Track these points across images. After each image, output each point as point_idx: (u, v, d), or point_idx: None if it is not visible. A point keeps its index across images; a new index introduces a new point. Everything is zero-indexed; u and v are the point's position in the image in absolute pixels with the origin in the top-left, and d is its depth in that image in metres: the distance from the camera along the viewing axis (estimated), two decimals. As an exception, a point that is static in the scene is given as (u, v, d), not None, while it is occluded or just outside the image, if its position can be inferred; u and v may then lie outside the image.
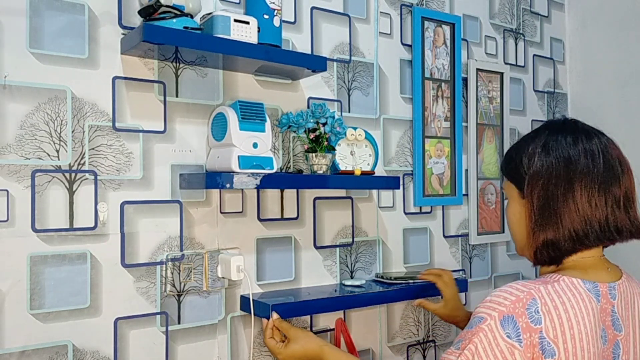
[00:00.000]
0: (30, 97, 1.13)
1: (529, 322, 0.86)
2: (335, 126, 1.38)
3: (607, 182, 0.93)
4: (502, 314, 0.87)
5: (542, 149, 0.97)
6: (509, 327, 0.86)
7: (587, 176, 0.93)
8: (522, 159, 0.99)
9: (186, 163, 1.31)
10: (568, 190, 0.93)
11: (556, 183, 0.94)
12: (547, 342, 0.86)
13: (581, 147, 0.95)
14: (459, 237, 1.86)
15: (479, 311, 0.91)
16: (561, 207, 0.93)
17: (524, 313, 0.87)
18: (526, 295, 0.88)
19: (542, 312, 0.87)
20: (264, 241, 1.43)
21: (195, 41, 1.17)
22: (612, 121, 2.12)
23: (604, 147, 0.97)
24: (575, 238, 0.93)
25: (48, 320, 1.14)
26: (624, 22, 2.09)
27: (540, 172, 0.95)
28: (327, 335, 1.54)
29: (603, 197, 0.93)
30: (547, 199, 0.94)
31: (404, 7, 1.73)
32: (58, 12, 1.17)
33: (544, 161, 0.95)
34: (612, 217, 0.93)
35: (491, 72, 1.96)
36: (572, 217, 0.92)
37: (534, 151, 0.98)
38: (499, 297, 0.90)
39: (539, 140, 0.99)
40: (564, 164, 0.94)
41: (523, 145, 1.01)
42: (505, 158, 1.07)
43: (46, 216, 1.14)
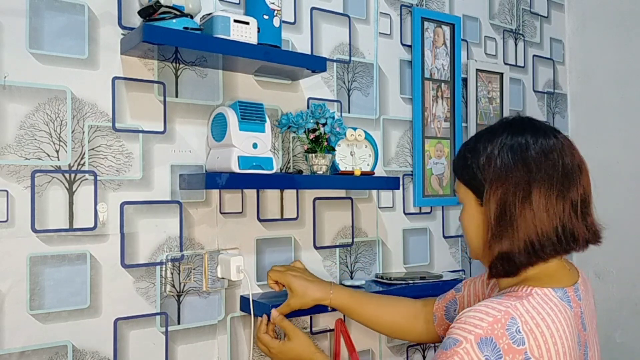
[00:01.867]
0: (30, 97, 1.13)
1: (511, 344, 0.81)
2: (335, 126, 1.38)
3: (565, 187, 0.88)
4: (479, 337, 0.81)
5: (501, 150, 0.90)
6: (487, 349, 0.81)
7: (546, 181, 0.87)
8: (478, 162, 0.92)
9: (186, 163, 1.31)
10: (526, 197, 0.87)
11: (515, 189, 0.87)
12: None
13: (540, 149, 0.89)
14: (458, 238, 1.86)
15: (454, 332, 0.84)
16: (518, 215, 0.87)
17: (504, 334, 0.81)
18: (504, 315, 0.83)
19: (524, 332, 0.82)
20: (264, 241, 1.43)
21: (195, 41, 1.17)
22: (612, 121, 2.12)
23: (562, 146, 0.90)
24: (530, 250, 0.88)
25: (48, 321, 1.14)
26: (623, 23, 2.09)
27: (499, 178, 0.89)
28: (327, 335, 1.54)
29: (561, 203, 0.87)
30: (504, 207, 0.88)
31: (403, 8, 1.73)
32: (58, 13, 1.17)
33: (504, 165, 0.89)
34: (569, 224, 0.88)
35: (491, 72, 1.96)
36: (528, 226, 0.87)
37: (492, 153, 0.91)
38: (474, 319, 0.84)
39: (497, 141, 0.92)
40: (524, 168, 0.88)
41: (479, 146, 0.94)
42: (460, 159, 0.98)
43: (46, 216, 1.14)
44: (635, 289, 2.03)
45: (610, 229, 0.98)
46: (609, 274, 2.09)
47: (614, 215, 2.10)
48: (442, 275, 1.61)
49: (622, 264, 2.06)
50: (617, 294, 2.06)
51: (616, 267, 2.08)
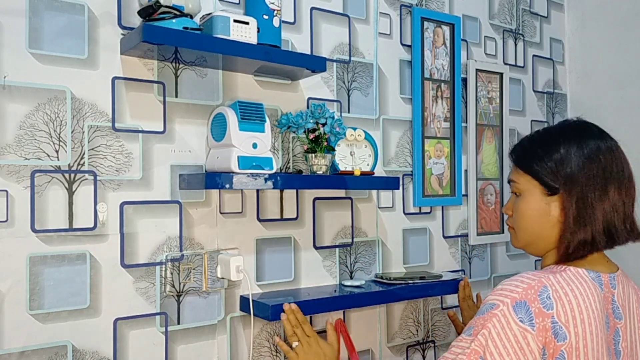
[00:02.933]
0: (30, 97, 1.13)
1: (542, 308, 0.89)
2: (335, 126, 1.38)
3: (628, 185, 1.00)
4: (515, 300, 0.90)
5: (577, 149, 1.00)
6: (521, 312, 0.89)
7: (618, 179, 0.99)
8: (552, 157, 1.01)
9: (186, 163, 1.31)
10: (603, 192, 0.98)
11: (594, 185, 0.98)
12: (559, 326, 0.89)
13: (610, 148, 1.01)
14: (458, 238, 1.86)
15: (491, 298, 0.93)
16: (598, 206, 0.97)
17: (536, 299, 0.90)
18: (537, 283, 0.92)
19: (553, 298, 0.90)
20: (264, 241, 1.43)
21: (195, 41, 1.17)
22: (612, 121, 2.11)
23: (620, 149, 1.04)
24: (608, 234, 0.98)
25: (47, 321, 1.14)
26: (623, 23, 2.09)
27: (577, 174, 0.98)
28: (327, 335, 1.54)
29: (629, 198, 1.00)
30: (585, 198, 0.97)
31: (403, 8, 1.73)
32: (57, 13, 1.17)
33: (581, 162, 0.99)
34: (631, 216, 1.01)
35: (491, 72, 1.96)
36: (607, 214, 0.97)
37: (567, 151, 1.00)
38: (511, 285, 0.93)
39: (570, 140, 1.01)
40: (600, 164, 0.99)
41: (551, 143, 1.03)
42: (526, 152, 1.06)
43: (46, 216, 1.14)
44: (635, 289, 2.03)
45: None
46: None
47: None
48: (441, 275, 1.61)
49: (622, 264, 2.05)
50: (616, 294, 2.06)
51: (616, 267, 2.07)
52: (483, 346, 0.90)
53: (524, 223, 1.06)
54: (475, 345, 0.91)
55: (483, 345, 0.90)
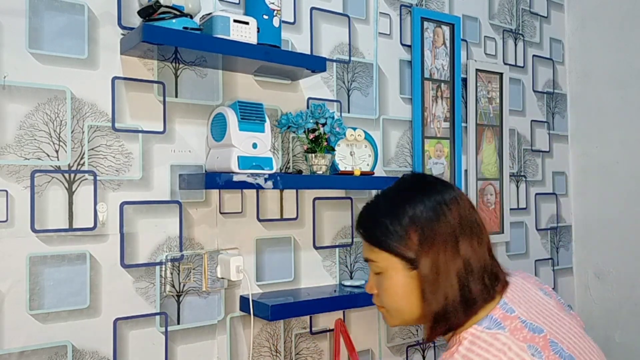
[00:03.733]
0: (30, 97, 1.13)
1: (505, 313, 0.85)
2: (335, 126, 1.38)
3: (480, 232, 0.91)
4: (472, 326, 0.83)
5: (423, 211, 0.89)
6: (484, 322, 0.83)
7: (468, 229, 0.89)
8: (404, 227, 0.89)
9: (186, 163, 1.31)
10: (455, 249, 0.87)
11: (445, 245, 0.87)
12: (530, 323, 0.84)
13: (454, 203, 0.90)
14: (458, 238, 1.85)
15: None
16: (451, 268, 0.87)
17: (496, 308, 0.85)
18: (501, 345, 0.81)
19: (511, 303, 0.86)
20: (264, 241, 1.43)
21: (195, 41, 1.17)
22: (612, 121, 2.12)
23: (464, 198, 0.93)
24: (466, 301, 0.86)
25: (47, 321, 1.14)
26: (623, 23, 2.09)
27: (430, 238, 0.88)
28: (327, 335, 1.54)
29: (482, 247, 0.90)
30: (438, 264, 0.87)
31: (403, 8, 1.73)
32: (57, 13, 1.17)
33: (431, 225, 0.88)
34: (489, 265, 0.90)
35: (491, 72, 1.96)
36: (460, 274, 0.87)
37: (415, 216, 0.89)
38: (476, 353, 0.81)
39: (413, 202, 0.90)
40: (448, 223, 0.88)
41: (395, 209, 0.91)
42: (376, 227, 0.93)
43: (45, 216, 1.14)
44: (634, 289, 2.03)
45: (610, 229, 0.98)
46: (608, 274, 2.09)
47: (614, 216, 2.10)
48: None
49: (622, 264, 2.06)
50: (616, 294, 2.06)
51: (616, 267, 2.08)
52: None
53: (394, 303, 0.93)
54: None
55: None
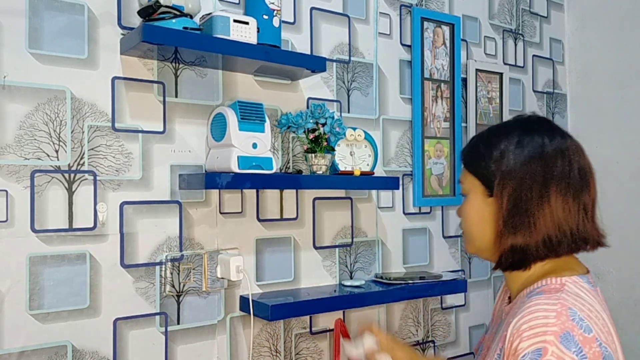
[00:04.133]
0: (30, 97, 1.13)
1: (583, 333, 0.78)
2: (335, 126, 1.38)
3: (579, 190, 0.88)
4: (558, 335, 0.77)
5: (517, 146, 0.89)
6: (571, 345, 0.76)
7: (563, 181, 0.87)
8: (492, 154, 0.91)
9: (185, 163, 1.31)
10: (543, 194, 0.86)
11: (531, 185, 0.87)
12: (605, 348, 0.79)
13: (557, 148, 0.89)
14: (458, 238, 1.86)
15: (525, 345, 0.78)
16: (535, 210, 0.86)
17: (574, 325, 0.78)
18: (561, 307, 0.80)
19: (586, 319, 0.79)
20: (264, 241, 1.43)
21: (195, 41, 1.17)
22: (612, 121, 2.12)
23: (576, 149, 0.91)
24: (548, 245, 0.87)
25: (47, 321, 1.14)
26: (623, 23, 2.09)
27: (514, 172, 0.88)
28: (326, 335, 1.54)
29: (576, 204, 0.88)
30: (519, 200, 0.87)
31: (403, 8, 1.73)
32: (57, 13, 1.17)
33: (519, 160, 0.88)
34: (582, 225, 0.88)
35: (490, 72, 1.96)
36: (546, 222, 0.86)
37: (507, 148, 0.90)
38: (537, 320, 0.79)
39: (512, 137, 0.91)
40: (541, 164, 0.87)
41: (493, 140, 0.93)
42: (470, 151, 0.97)
43: (45, 216, 1.14)
44: (635, 289, 2.03)
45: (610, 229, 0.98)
46: (608, 274, 2.09)
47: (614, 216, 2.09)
48: (441, 275, 1.61)
49: (622, 264, 2.06)
50: (616, 294, 2.06)
51: (616, 267, 2.08)
52: None
53: (469, 227, 0.97)
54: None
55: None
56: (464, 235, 0.99)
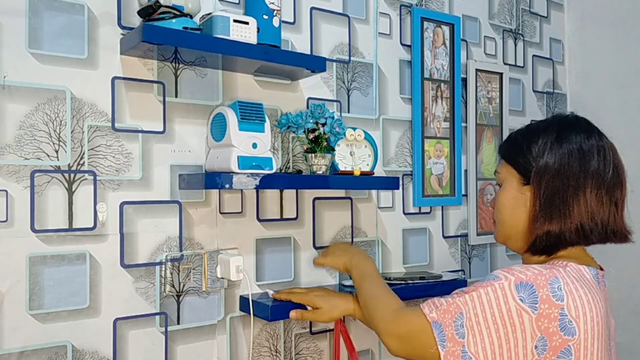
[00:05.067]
0: (30, 97, 1.13)
1: (550, 296, 0.86)
2: (335, 126, 1.38)
3: (613, 184, 0.96)
4: (520, 280, 0.88)
5: (556, 140, 0.97)
6: (524, 292, 0.87)
7: (598, 174, 0.95)
8: (531, 147, 0.99)
9: (185, 163, 1.31)
10: (579, 185, 0.94)
11: (568, 176, 0.94)
12: (569, 320, 0.86)
13: (594, 145, 0.97)
14: (458, 238, 1.86)
15: (496, 272, 0.92)
16: (571, 200, 0.94)
17: (546, 286, 0.87)
18: (549, 272, 0.89)
19: (564, 291, 0.87)
20: (264, 241, 1.43)
21: (195, 41, 1.17)
22: (612, 121, 2.11)
23: (611, 148, 0.99)
24: (581, 233, 0.95)
25: (47, 321, 1.14)
26: (623, 23, 2.09)
27: (551, 163, 0.96)
28: (326, 335, 1.54)
29: (608, 197, 0.95)
30: (556, 190, 0.95)
31: (403, 8, 1.73)
32: (57, 13, 1.17)
33: (557, 152, 0.96)
34: (612, 218, 0.96)
35: (490, 72, 1.96)
36: (580, 211, 0.94)
37: (545, 142, 0.98)
38: (521, 268, 0.91)
39: (551, 132, 0.99)
40: (577, 158, 0.95)
41: (532, 134, 1.01)
42: (510, 142, 1.06)
43: (45, 216, 1.14)
44: (635, 289, 2.03)
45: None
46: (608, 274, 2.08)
47: (614, 215, 2.10)
48: (441, 276, 1.61)
49: (622, 264, 2.06)
50: (616, 294, 2.06)
51: (616, 267, 2.07)
52: (467, 305, 0.90)
53: (501, 214, 1.05)
54: (459, 301, 0.91)
55: (467, 304, 0.90)
56: (495, 224, 1.07)
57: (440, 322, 0.92)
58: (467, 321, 0.89)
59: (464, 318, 0.90)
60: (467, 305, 0.90)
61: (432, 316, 0.93)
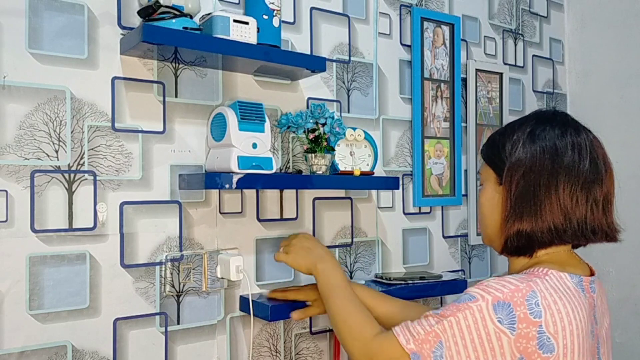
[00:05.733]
0: (30, 97, 1.13)
1: (528, 314, 0.83)
2: (335, 126, 1.38)
3: (590, 181, 0.91)
4: (497, 299, 0.84)
5: (528, 136, 0.94)
6: (502, 312, 0.83)
7: (572, 171, 0.90)
8: (505, 144, 0.96)
9: (185, 163, 1.31)
10: (551, 183, 0.90)
11: (539, 173, 0.91)
12: (547, 337, 0.83)
13: (569, 141, 0.92)
14: (458, 238, 1.86)
15: (471, 290, 0.88)
16: (543, 198, 0.90)
17: (523, 303, 0.84)
18: (525, 287, 0.85)
19: (542, 306, 0.84)
20: (263, 241, 1.43)
21: (195, 41, 1.17)
22: (611, 121, 2.12)
23: (591, 144, 0.94)
24: (554, 232, 0.91)
25: (47, 321, 1.14)
26: (623, 23, 2.09)
27: (522, 160, 0.92)
28: (326, 335, 1.54)
29: (584, 195, 0.91)
30: (527, 188, 0.91)
31: (403, 8, 1.73)
32: (57, 13, 1.17)
33: (529, 149, 0.92)
34: (590, 216, 0.92)
35: (490, 72, 1.96)
36: (552, 210, 0.90)
37: (519, 138, 0.94)
38: (496, 284, 0.87)
39: (525, 128, 0.95)
40: (550, 155, 0.91)
41: (508, 132, 0.98)
42: (487, 142, 1.03)
43: (45, 217, 1.14)
44: (634, 289, 2.03)
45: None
46: (608, 274, 2.09)
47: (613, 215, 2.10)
48: (441, 276, 1.61)
49: (622, 264, 2.06)
50: (616, 294, 2.06)
51: (616, 267, 2.08)
52: (446, 333, 0.86)
53: (482, 216, 1.03)
54: (437, 329, 0.87)
55: (447, 332, 0.86)
56: (479, 223, 1.06)
57: (418, 354, 0.88)
58: (447, 351, 0.86)
59: (443, 348, 0.86)
60: (446, 333, 0.86)
61: (409, 347, 0.89)
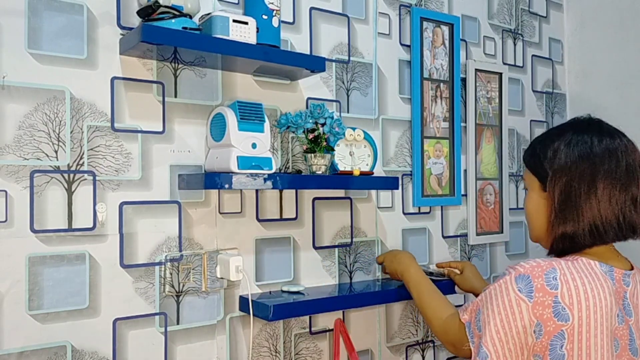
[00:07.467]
0: (29, 97, 1.13)
1: (545, 285, 0.94)
2: (334, 126, 1.38)
3: (627, 183, 0.99)
4: (519, 273, 0.97)
5: (567, 146, 1.02)
6: (521, 283, 0.95)
7: (610, 175, 0.99)
8: (546, 153, 1.04)
9: (185, 163, 1.31)
10: (591, 188, 0.99)
11: (580, 180, 0.99)
12: (562, 307, 0.92)
13: (605, 148, 1.01)
14: (457, 238, 1.86)
15: (506, 269, 1.02)
16: (583, 203, 0.99)
17: (541, 276, 0.95)
18: (547, 264, 0.96)
19: (559, 280, 0.94)
20: (263, 241, 1.43)
21: (194, 41, 1.17)
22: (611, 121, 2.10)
23: (626, 148, 1.02)
24: (595, 233, 0.99)
25: (47, 321, 1.14)
26: (622, 23, 2.09)
27: (564, 168, 1.01)
28: (326, 335, 1.54)
29: (622, 196, 0.99)
30: (569, 194, 1.00)
31: (402, 8, 1.73)
32: (57, 13, 1.17)
33: (569, 158, 1.01)
34: (629, 215, 1.00)
35: (490, 72, 1.96)
36: (593, 213, 0.99)
37: (559, 147, 1.03)
38: (525, 262, 0.99)
39: (565, 137, 1.04)
40: (589, 162, 0.99)
41: (548, 140, 1.06)
42: (529, 150, 1.12)
43: (45, 217, 1.14)
44: None
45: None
46: None
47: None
48: (444, 274, 1.61)
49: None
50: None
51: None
52: (482, 302, 1.02)
53: (528, 218, 1.13)
54: (479, 300, 1.04)
55: (482, 301, 1.02)
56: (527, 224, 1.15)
57: (469, 321, 1.05)
58: (483, 315, 1.00)
59: (480, 314, 1.01)
60: (482, 302, 1.02)
61: (464, 318, 1.07)
